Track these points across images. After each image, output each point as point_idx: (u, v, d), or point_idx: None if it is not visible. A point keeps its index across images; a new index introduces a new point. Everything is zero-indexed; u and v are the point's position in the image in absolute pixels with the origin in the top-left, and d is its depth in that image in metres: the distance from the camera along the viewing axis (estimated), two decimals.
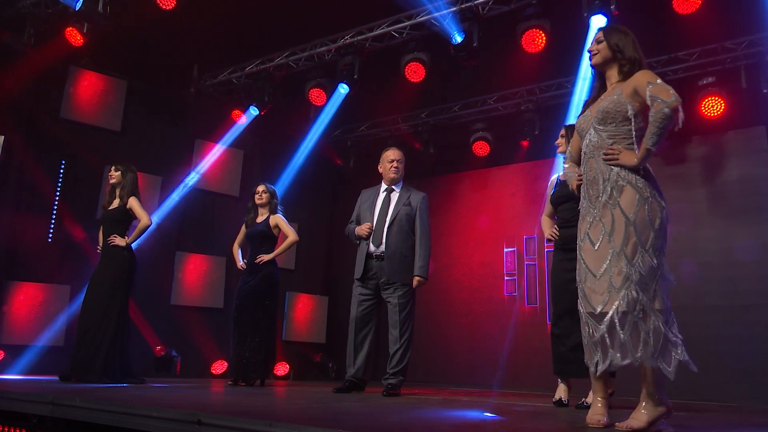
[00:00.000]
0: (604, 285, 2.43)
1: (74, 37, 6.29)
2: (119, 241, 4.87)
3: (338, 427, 2.03)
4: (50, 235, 6.54)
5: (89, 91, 7.01)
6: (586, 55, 2.91)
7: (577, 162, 2.84)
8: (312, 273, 8.67)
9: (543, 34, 5.86)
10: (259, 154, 8.33)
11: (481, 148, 7.97)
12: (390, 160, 4.61)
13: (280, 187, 8.45)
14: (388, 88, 7.68)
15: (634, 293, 2.38)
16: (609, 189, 2.52)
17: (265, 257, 5.17)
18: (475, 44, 5.92)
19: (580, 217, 2.64)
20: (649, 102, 2.48)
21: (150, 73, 7.39)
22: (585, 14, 5.34)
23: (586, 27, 5.68)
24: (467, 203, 8.43)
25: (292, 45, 7.39)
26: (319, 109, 7.89)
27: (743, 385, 5.96)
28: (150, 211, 7.01)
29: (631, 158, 2.53)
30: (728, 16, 5.99)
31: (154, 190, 7.28)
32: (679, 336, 2.37)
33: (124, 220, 4.97)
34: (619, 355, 2.41)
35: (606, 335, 2.42)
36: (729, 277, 6.43)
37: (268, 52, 7.53)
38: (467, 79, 7.52)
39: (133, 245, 5.00)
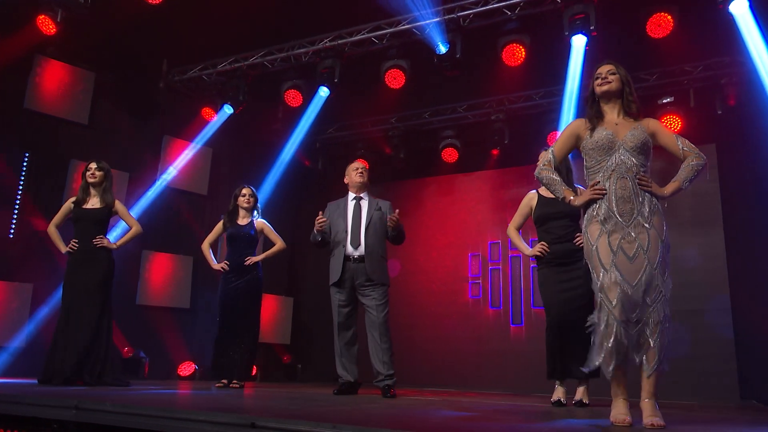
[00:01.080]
0: (638, 297, 2.65)
1: (47, 25, 6.05)
2: (108, 243, 4.73)
3: (403, 428, 2.13)
4: (12, 231, 6.25)
5: (56, 81, 6.74)
6: (574, 73, 3.14)
7: (557, 169, 3.04)
8: (276, 274, 8.62)
9: (522, 49, 6.11)
10: (228, 152, 8.22)
11: (449, 155, 8.18)
12: (355, 168, 4.83)
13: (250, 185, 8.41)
14: (357, 90, 7.76)
15: (665, 307, 2.64)
16: (645, 212, 2.76)
17: (254, 259, 5.15)
18: (458, 55, 6.10)
19: (607, 230, 2.82)
20: (682, 152, 2.91)
21: (119, 65, 7.18)
22: (566, 33, 5.62)
23: (563, 44, 5.99)
24: (434, 208, 8.63)
25: (265, 45, 7.35)
26: (291, 110, 7.88)
27: (692, 383, 6.42)
28: None
29: (660, 190, 2.82)
30: (688, 41, 6.42)
31: (121, 186, 7.05)
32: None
33: (106, 221, 4.83)
34: (645, 357, 2.63)
35: (634, 340, 2.63)
36: (679, 283, 6.89)
37: (242, 51, 7.46)
38: (438, 86, 7.71)
39: None
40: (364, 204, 4.76)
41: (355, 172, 4.79)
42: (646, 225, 2.77)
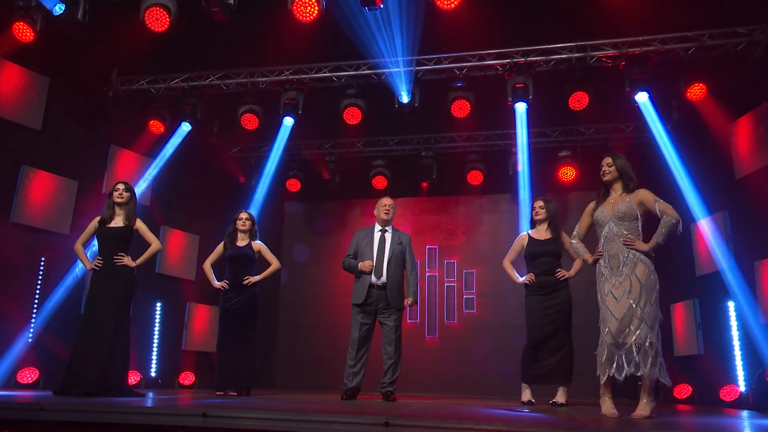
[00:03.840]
0: (624, 326, 3.78)
1: (24, 33, 5.98)
2: (128, 261, 4.97)
3: (481, 420, 3.02)
4: None
5: (11, 84, 6.56)
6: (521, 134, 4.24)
7: (583, 238, 4.18)
8: (207, 284, 8.87)
9: (468, 104, 7.24)
10: (169, 164, 8.35)
11: (379, 182, 9.10)
12: (384, 204, 5.52)
13: (187, 198, 8.63)
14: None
15: (645, 331, 3.77)
16: (629, 264, 3.89)
17: (252, 279, 5.64)
18: (416, 104, 7.06)
19: (603, 278, 3.94)
20: (658, 213, 3.92)
21: (73, 70, 7.09)
22: (510, 100, 6.83)
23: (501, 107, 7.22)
24: (359, 227, 9.47)
25: (219, 68, 7.70)
26: (226, 126, 8.27)
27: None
28: (63, 217, 6.88)
29: (643, 246, 3.95)
30: (595, 111, 7.91)
31: (70, 194, 7.03)
32: (662, 358, 3.83)
33: (129, 239, 5.07)
34: (633, 369, 3.77)
35: (624, 357, 3.76)
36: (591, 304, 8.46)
37: (196, 69, 7.73)
38: (372, 120, 8.56)
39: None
40: (388, 236, 5.48)
41: (383, 209, 5.48)
42: (629, 274, 3.90)
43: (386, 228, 5.53)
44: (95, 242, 5.40)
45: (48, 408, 3.44)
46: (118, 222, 5.06)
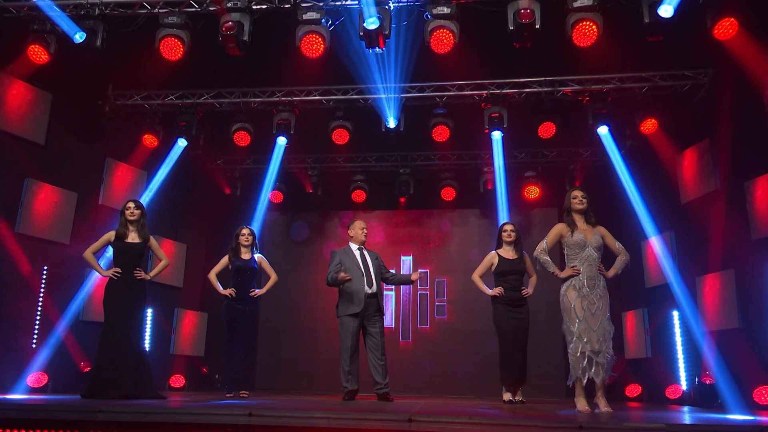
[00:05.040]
0: (601, 337, 4.52)
1: (38, 55, 6.30)
2: (144, 275, 5.41)
3: (486, 416, 3.69)
4: None
5: (17, 100, 6.84)
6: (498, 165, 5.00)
7: (547, 251, 4.92)
8: (193, 290, 9.29)
9: (447, 130, 7.93)
10: (158, 176, 8.71)
11: (358, 195, 9.70)
12: (361, 227, 6.17)
13: (174, 208, 8.99)
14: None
15: (610, 342, 4.53)
16: (600, 285, 4.66)
17: (259, 292, 6.16)
18: (401, 129, 7.70)
19: (581, 295, 4.66)
20: (617, 250, 4.79)
21: (73, 87, 7.40)
22: (487, 128, 7.56)
23: (475, 131, 7.94)
24: (340, 237, 10.08)
25: (212, 86, 8.15)
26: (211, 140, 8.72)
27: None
28: (64, 227, 7.21)
29: (609, 274, 4.76)
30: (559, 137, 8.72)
31: (70, 205, 7.34)
32: None
33: (145, 254, 5.51)
34: (602, 372, 4.51)
35: (596, 362, 4.51)
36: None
37: (189, 87, 8.15)
38: (354, 138, 9.14)
39: None
40: (366, 253, 6.12)
41: (362, 232, 6.11)
42: (601, 294, 4.67)
43: (362, 247, 6.16)
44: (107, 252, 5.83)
45: (105, 410, 3.89)
46: (134, 238, 5.48)
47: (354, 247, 6.16)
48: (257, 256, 6.35)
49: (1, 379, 6.14)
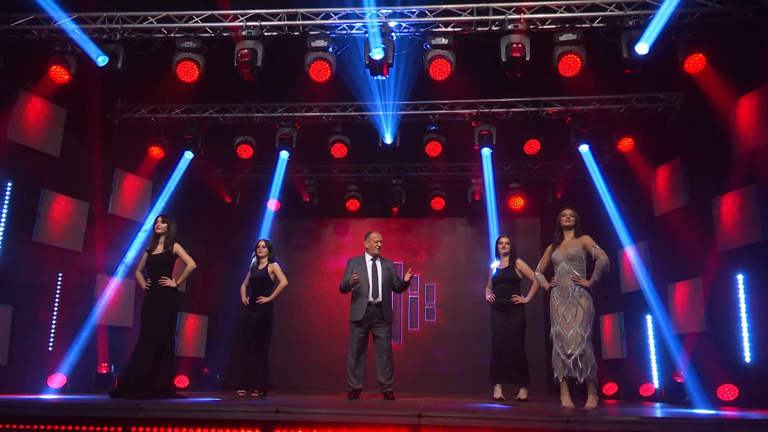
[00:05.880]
0: (572, 341, 5.07)
1: (60, 75, 6.67)
2: (170, 282, 5.82)
3: (487, 411, 4.23)
4: None
5: (33, 115, 7.18)
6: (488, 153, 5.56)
7: (543, 271, 5.47)
8: (195, 295, 9.70)
9: (440, 145, 8.47)
10: (164, 186, 9.09)
11: (352, 204, 10.20)
12: (376, 240, 6.62)
13: (176, 216, 9.35)
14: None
15: (584, 345, 5.07)
16: (575, 295, 5.18)
17: (264, 299, 6.62)
18: (397, 144, 8.22)
19: (557, 303, 5.21)
20: (594, 256, 5.26)
21: (85, 101, 7.74)
22: (477, 144, 8.11)
23: (465, 145, 8.48)
24: (334, 243, 10.58)
25: (216, 101, 8.56)
26: (210, 151, 9.15)
27: None
28: (77, 236, 7.59)
29: (586, 282, 5.25)
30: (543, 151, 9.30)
31: (82, 215, 7.72)
32: (595, 364, 5.16)
33: (170, 263, 5.91)
34: (577, 374, 5.06)
35: (571, 364, 5.06)
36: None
37: (194, 102, 8.55)
38: (350, 151, 9.62)
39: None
40: (378, 263, 6.57)
41: (375, 244, 6.57)
42: (575, 303, 5.20)
43: (375, 257, 6.65)
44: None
45: (146, 408, 4.33)
46: (159, 249, 5.90)
47: (368, 257, 6.63)
48: (270, 265, 6.79)
49: (24, 381, 6.52)
